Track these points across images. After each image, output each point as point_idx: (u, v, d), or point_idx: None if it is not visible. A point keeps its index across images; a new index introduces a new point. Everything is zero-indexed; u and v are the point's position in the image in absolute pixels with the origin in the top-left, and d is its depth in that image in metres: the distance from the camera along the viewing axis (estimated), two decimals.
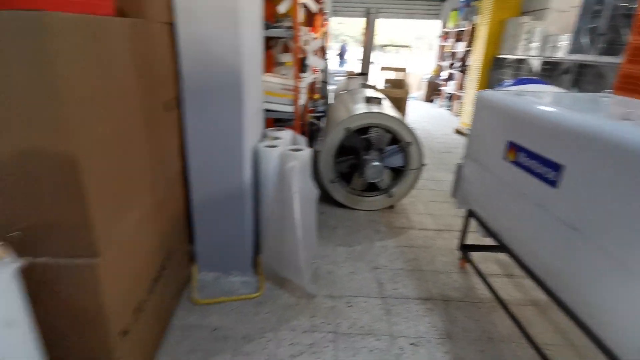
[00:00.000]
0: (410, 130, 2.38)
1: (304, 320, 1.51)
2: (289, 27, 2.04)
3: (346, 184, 2.50)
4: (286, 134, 1.92)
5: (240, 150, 1.52)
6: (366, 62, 4.45)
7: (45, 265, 0.85)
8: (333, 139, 2.38)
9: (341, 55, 12.46)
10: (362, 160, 2.39)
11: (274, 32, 2.03)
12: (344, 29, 19.14)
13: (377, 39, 6.03)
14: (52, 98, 0.75)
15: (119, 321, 1.01)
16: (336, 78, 6.64)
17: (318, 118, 3.68)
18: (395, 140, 2.44)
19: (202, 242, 1.69)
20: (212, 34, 1.37)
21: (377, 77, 5.90)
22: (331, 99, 4.04)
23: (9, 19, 0.71)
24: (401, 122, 2.38)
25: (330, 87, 4.84)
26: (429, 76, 7.81)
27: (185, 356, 1.32)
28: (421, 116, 6.05)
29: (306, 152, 1.71)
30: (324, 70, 4.29)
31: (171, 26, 1.35)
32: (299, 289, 1.68)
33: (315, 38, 2.98)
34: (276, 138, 1.82)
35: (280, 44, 2.53)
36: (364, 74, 4.38)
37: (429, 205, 2.64)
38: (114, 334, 0.99)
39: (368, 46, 4.41)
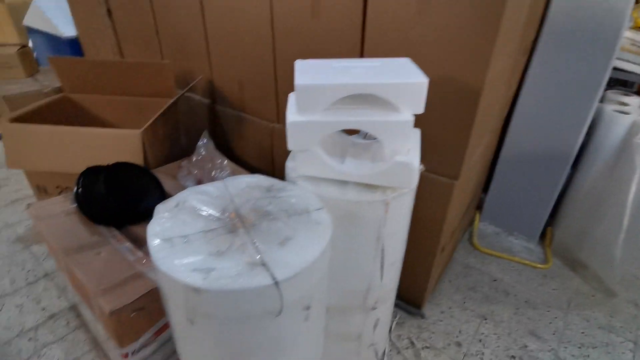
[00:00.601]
0: None
1: (600, 315, 1.32)
2: None
3: None
4: (635, 100, 1.55)
5: (586, 109, 1.34)
6: None
7: (422, 176, 1.02)
8: None
9: None
10: None
11: None
12: None
13: None
14: (490, 34, 0.81)
15: (444, 238, 1.15)
16: None
17: None
18: None
19: (495, 194, 1.68)
20: None
21: None
22: None
23: None
24: None
25: None
26: None
27: (466, 292, 1.41)
28: None
29: None
30: None
31: None
32: (596, 279, 1.47)
33: None
34: (623, 104, 1.49)
35: None
36: None
37: None
38: (439, 247, 1.14)
39: None
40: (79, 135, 1.26)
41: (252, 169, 1.45)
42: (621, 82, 1.76)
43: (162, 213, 0.68)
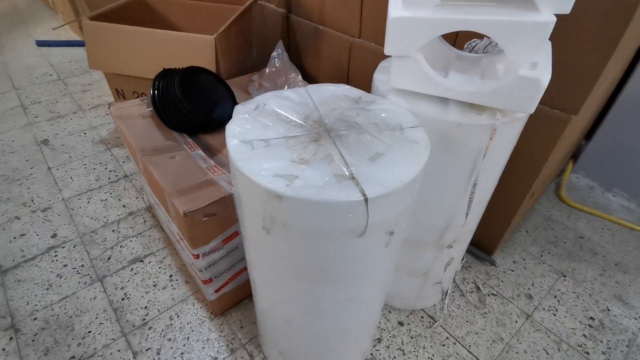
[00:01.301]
0: None
1: None
2: None
3: None
4: None
5: None
6: None
7: (540, 110, 0.86)
8: None
9: None
10: None
11: None
12: None
13: None
14: None
15: (539, 181, 1.01)
16: None
17: None
18: None
19: (599, 141, 1.43)
20: None
21: None
22: None
23: None
24: None
25: None
26: None
27: (545, 245, 1.27)
28: None
29: None
30: None
31: None
32: None
33: None
34: None
35: None
36: None
37: None
38: (530, 191, 1.00)
39: None
40: (155, 38, 1.22)
41: None
42: None
43: (242, 114, 0.62)
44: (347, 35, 1.23)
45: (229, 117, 0.62)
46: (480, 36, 0.83)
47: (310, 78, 1.44)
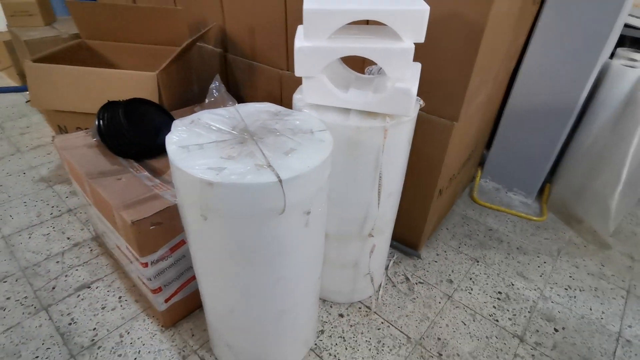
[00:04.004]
0: None
1: (590, 264, 1.39)
2: None
3: None
4: None
5: (591, 62, 1.35)
6: None
7: (423, 117, 1.07)
8: None
9: None
10: None
11: None
12: None
13: None
14: None
15: (442, 180, 1.21)
16: None
17: None
18: None
19: (497, 150, 1.71)
20: None
21: None
22: None
23: None
24: None
25: None
26: None
27: (462, 239, 1.48)
28: None
29: None
30: None
31: None
32: (590, 233, 1.52)
33: None
34: (633, 60, 1.49)
35: None
36: None
37: None
38: (438, 187, 1.20)
39: None
40: (98, 76, 1.32)
41: None
42: (636, 41, 1.74)
43: (179, 127, 0.74)
44: (277, 69, 1.42)
45: None
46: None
47: None
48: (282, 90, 1.45)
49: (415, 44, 0.77)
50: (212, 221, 0.67)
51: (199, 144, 0.69)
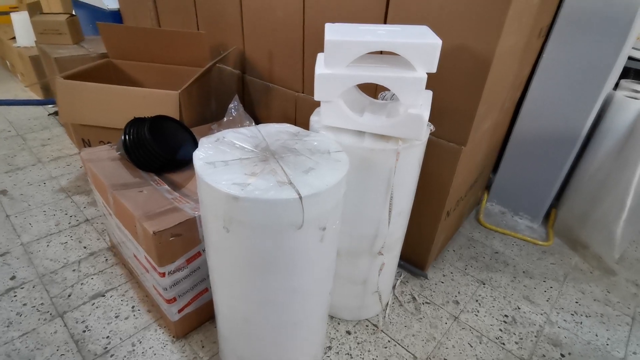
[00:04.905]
0: None
1: (596, 290, 1.40)
2: None
3: None
4: None
5: (595, 92, 1.40)
6: None
7: (433, 141, 1.12)
8: None
9: None
10: None
11: None
12: None
13: None
14: (501, 7, 0.90)
15: (450, 201, 1.25)
16: None
17: None
18: None
19: (503, 175, 1.75)
20: None
21: None
22: None
23: None
24: None
25: None
26: None
27: (468, 260, 1.50)
28: None
29: None
30: None
31: None
32: (596, 259, 1.54)
33: None
34: (636, 91, 1.55)
35: None
36: None
37: None
38: (445, 209, 1.24)
39: None
40: (124, 94, 1.39)
41: None
42: (639, 73, 1.80)
43: (206, 144, 0.80)
44: (293, 91, 1.49)
45: (191, 157, 0.78)
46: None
47: None
48: (296, 112, 1.51)
49: (427, 73, 0.82)
50: (234, 233, 0.71)
51: (225, 161, 0.74)
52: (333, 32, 0.85)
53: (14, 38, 2.77)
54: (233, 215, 0.69)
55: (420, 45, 0.80)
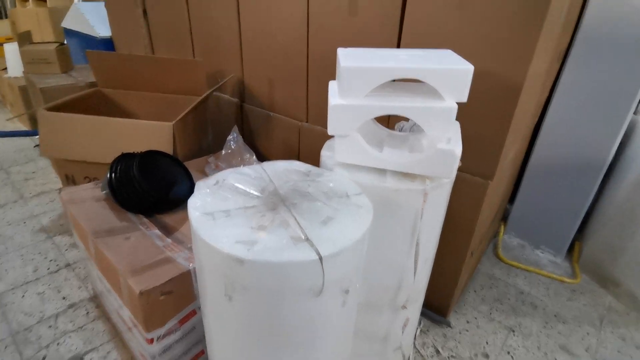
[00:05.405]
0: None
1: (637, 335, 1.26)
2: None
3: None
4: None
5: (620, 118, 1.31)
6: None
7: (457, 175, 1.00)
8: None
9: None
10: None
11: None
12: None
13: None
14: (533, 30, 0.81)
15: (475, 240, 1.12)
16: None
17: None
18: None
19: (521, 205, 1.64)
20: None
21: None
22: None
23: None
24: None
25: None
26: None
27: (492, 303, 1.36)
28: None
29: None
30: None
31: None
32: (630, 297, 1.40)
33: None
34: None
35: None
36: None
37: None
38: (470, 249, 1.11)
39: None
40: (112, 125, 1.28)
41: None
42: None
43: (203, 189, 0.67)
44: (296, 120, 1.38)
45: (186, 196, 0.66)
46: (407, 119, 1.00)
47: (263, 158, 1.54)
48: (300, 142, 1.40)
49: (457, 103, 0.72)
50: (238, 301, 0.58)
51: (226, 210, 0.62)
52: (348, 57, 0.74)
53: (5, 69, 2.68)
54: (237, 281, 0.55)
55: (450, 72, 0.69)
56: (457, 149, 0.72)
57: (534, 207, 1.60)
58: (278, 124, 1.46)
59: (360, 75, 0.70)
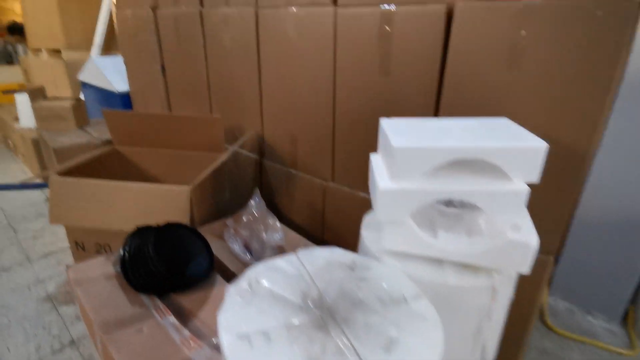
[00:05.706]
0: None
1: None
2: None
3: None
4: None
5: None
6: None
7: None
8: None
9: None
10: None
11: None
12: None
13: None
14: (599, 89, 0.72)
15: (532, 325, 0.98)
16: None
17: None
18: None
19: (567, 265, 1.49)
20: None
21: None
22: None
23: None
24: None
25: None
26: None
27: None
28: None
29: None
30: None
31: None
32: None
33: None
34: None
35: None
36: None
37: None
38: (528, 334, 0.97)
39: None
40: (127, 191, 1.20)
41: (300, 229, 1.35)
42: None
43: (234, 296, 0.56)
44: (321, 179, 1.29)
45: (204, 273, 0.56)
46: None
47: (285, 220, 1.44)
48: (325, 203, 1.30)
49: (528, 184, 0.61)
50: None
51: (264, 331, 0.50)
52: (396, 133, 0.65)
53: (16, 118, 2.68)
54: None
55: (519, 150, 0.60)
56: (532, 239, 0.61)
57: (582, 266, 1.45)
58: (300, 182, 1.37)
59: (416, 157, 0.60)
